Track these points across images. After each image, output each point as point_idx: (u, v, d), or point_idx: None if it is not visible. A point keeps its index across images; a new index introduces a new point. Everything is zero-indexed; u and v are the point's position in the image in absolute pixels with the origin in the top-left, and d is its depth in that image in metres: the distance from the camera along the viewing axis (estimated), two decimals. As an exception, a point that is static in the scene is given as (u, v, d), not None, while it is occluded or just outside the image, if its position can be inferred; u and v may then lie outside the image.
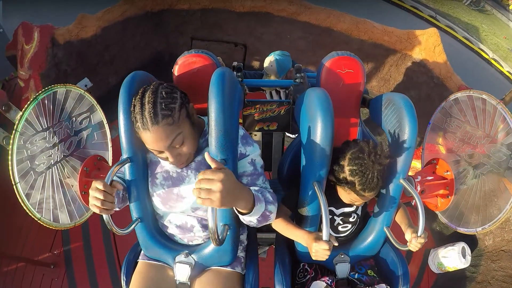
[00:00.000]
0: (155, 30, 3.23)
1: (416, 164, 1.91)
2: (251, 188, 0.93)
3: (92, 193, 0.85)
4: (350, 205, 1.14)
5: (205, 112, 0.98)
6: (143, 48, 3.25)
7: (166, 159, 0.94)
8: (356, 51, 3.01)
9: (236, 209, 0.90)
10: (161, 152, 0.92)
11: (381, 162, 0.97)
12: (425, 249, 2.58)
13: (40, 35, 2.42)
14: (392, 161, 1.07)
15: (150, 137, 0.87)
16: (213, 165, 0.78)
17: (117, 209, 1.04)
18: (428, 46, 2.82)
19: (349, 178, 1.00)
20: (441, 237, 2.58)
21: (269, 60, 1.98)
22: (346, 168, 1.00)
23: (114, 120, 1.51)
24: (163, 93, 0.88)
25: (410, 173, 1.19)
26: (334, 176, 1.04)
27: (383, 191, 1.10)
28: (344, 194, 1.07)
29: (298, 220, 1.12)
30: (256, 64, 3.43)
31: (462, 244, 2.23)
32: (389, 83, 3.19)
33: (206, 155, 0.79)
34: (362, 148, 0.99)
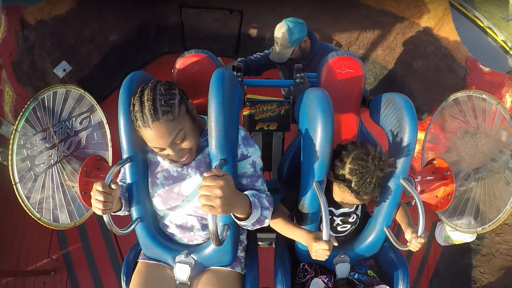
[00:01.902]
0: (138, -1, 2.80)
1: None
2: (248, 193, 0.94)
3: (93, 195, 0.86)
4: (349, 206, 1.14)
5: (205, 112, 0.98)
6: (126, 20, 2.82)
7: (167, 156, 0.94)
8: (363, 17, 2.84)
9: (233, 214, 0.91)
10: (162, 149, 0.91)
11: (383, 169, 0.97)
12: (432, 222, 2.58)
13: (7, 18, 2.05)
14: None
15: (152, 134, 0.87)
16: (213, 171, 0.78)
17: (126, 212, 1.05)
18: (437, 14, 2.61)
19: (348, 176, 0.99)
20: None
21: (279, 27, 1.78)
22: (347, 166, 0.99)
23: (99, 103, 1.47)
24: (162, 90, 0.88)
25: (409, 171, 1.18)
26: (333, 171, 1.03)
27: (383, 191, 1.10)
28: (338, 192, 1.06)
29: (298, 220, 1.12)
30: (253, 32, 3.03)
31: None
32: (394, 52, 2.98)
33: (204, 174, 0.78)
34: (368, 151, 0.99)
